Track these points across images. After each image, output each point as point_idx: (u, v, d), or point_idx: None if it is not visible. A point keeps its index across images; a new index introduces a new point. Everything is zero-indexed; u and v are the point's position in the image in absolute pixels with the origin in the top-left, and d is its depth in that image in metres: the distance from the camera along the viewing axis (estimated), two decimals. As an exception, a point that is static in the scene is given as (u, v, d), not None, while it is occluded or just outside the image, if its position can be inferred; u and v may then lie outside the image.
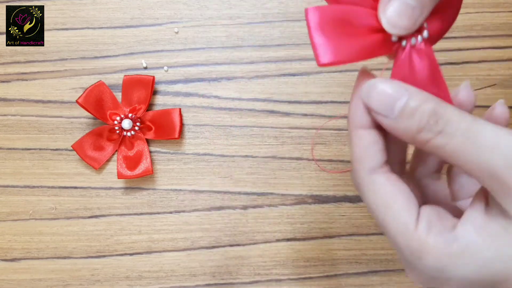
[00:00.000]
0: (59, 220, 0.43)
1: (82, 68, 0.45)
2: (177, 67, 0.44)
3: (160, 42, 0.45)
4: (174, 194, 0.43)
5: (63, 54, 0.45)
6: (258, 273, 0.42)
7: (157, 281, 0.42)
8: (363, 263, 0.42)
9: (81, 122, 0.44)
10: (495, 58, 0.44)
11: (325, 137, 0.43)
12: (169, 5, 0.45)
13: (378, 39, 0.23)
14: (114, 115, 0.43)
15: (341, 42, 0.22)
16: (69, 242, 0.43)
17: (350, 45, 0.22)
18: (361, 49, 0.22)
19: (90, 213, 0.43)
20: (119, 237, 0.43)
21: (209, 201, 0.43)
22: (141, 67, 0.45)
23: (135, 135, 0.44)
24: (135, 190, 0.43)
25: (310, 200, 0.43)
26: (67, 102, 0.44)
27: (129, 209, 0.43)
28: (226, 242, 0.43)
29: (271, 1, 0.45)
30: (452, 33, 0.45)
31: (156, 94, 0.44)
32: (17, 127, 0.44)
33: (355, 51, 0.22)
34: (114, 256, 0.43)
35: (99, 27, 0.45)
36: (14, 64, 0.45)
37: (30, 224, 0.43)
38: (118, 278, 0.42)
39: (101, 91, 0.43)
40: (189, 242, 0.43)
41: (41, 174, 0.44)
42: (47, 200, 0.43)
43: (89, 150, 0.43)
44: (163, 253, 0.43)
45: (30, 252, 0.43)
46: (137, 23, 0.45)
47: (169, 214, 0.43)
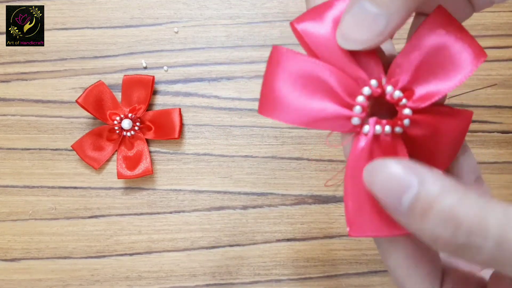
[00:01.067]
0: (59, 220, 0.43)
1: (81, 68, 0.45)
2: (177, 67, 0.44)
3: (160, 42, 0.45)
4: (174, 194, 0.43)
5: (62, 54, 0.45)
6: (258, 273, 0.42)
7: (156, 281, 0.42)
8: (363, 263, 0.42)
9: (80, 122, 0.44)
10: (496, 58, 0.44)
11: (325, 137, 0.43)
12: (169, 5, 0.45)
13: (338, 112, 0.18)
14: (114, 115, 0.43)
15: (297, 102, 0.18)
16: (69, 242, 0.43)
17: (305, 107, 0.18)
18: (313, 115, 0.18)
19: (90, 213, 0.43)
20: (119, 237, 0.43)
21: (209, 201, 0.43)
22: (141, 67, 0.44)
23: (135, 135, 0.44)
24: (135, 190, 0.43)
25: (310, 200, 0.43)
26: (67, 102, 0.44)
27: (129, 209, 0.43)
28: (226, 242, 0.43)
29: (271, 1, 0.45)
30: (452, 33, 0.44)
31: (156, 94, 0.44)
32: (16, 127, 0.44)
33: (306, 115, 0.18)
34: (114, 256, 0.43)
35: (99, 26, 0.45)
36: (13, 64, 0.45)
37: (30, 224, 0.43)
38: (118, 278, 0.42)
39: (100, 91, 0.43)
40: (189, 242, 0.43)
41: (41, 174, 0.44)
42: (46, 200, 0.43)
43: (88, 150, 0.43)
44: (163, 253, 0.43)
45: (29, 252, 0.43)
46: (137, 23, 0.45)
47: (169, 214, 0.43)
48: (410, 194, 0.15)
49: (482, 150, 0.43)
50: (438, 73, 0.18)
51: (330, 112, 0.18)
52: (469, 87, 0.44)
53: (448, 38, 0.18)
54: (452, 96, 0.44)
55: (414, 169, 0.16)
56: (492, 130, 0.44)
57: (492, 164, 0.43)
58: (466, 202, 0.15)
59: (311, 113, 0.18)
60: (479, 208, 0.15)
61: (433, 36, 0.18)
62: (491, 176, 0.43)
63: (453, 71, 0.18)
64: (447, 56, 0.18)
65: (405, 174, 0.16)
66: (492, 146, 0.43)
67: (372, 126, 0.18)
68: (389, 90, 0.18)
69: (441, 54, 0.18)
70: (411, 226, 0.16)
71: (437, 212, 0.15)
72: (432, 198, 0.15)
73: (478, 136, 0.43)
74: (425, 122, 0.18)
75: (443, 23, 0.18)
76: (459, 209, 0.15)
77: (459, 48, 0.18)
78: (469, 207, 0.15)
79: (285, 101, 0.18)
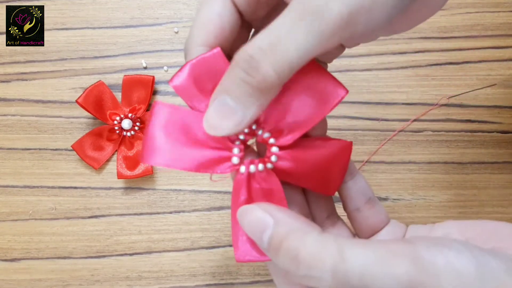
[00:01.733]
0: (59, 220, 0.43)
1: (82, 68, 0.45)
2: (177, 67, 0.44)
3: (160, 42, 0.45)
4: (174, 194, 0.43)
5: (63, 54, 0.45)
6: (258, 273, 0.42)
7: (157, 281, 0.42)
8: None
9: (81, 122, 0.44)
10: (495, 58, 0.44)
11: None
12: (169, 5, 0.45)
13: (217, 155, 0.21)
14: (114, 115, 0.43)
15: (178, 149, 0.21)
16: (69, 242, 0.43)
17: (186, 153, 0.21)
18: (197, 161, 0.21)
19: (90, 213, 0.43)
20: (119, 237, 0.43)
21: (209, 201, 0.43)
22: (141, 67, 0.44)
23: (135, 135, 0.44)
24: (135, 190, 0.43)
25: (310, 200, 0.43)
26: (67, 102, 0.44)
27: (129, 209, 0.43)
28: (226, 242, 0.43)
29: (271, 1, 0.45)
30: (452, 33, 0.45)
31: (156, 94, 0.44)
32: (17, 127, 0.44)
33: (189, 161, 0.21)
34: (114, 256, 0.43)
35: (99, 27, 0.45)
36: (13, 64, 0.45)
37: (30, 224, 0.43)
38: (118, 278, 0.42)
39: (101, 91, 0.43)
40: (189, 242, 0.43)
41: (41, 174, 0.44)
42: (47, 200, 0.43)
43: (89, 150, 0.43)
44: (163, 253, 0.43)
45: (30, 252, 0.43)
46: (137, 23, 0.45)
47: (169, 214, 0.43)
48: (267, 234, 0.19)
49: (481, 150, 0.43)
50: (302, 113, 0.21)
51: (210, 157, 0.21)
52: (468, 87, 0.44)
53: (312, 81, 0.21)
54: (451, 96, 0.44)
55: (271, 211, 0.19)
56: (491, 130, 0.44)
57: (491, 164, 0.43)
58: (307, 241, 0.18)
59: (198, 159, 0.21)
60: (317, 247, 0.18)
61: (300, 81, 0.21)
62: (491, 176, 0.43)
63: (316, 110, 0.21)
64: (312, 97, 0.21)
65: (263, 216, 0.19)
66: (492, 146, 0.43)
67: (246, 166, 0.22)
68: (260, 133, 0.22)
69: (305, 98, 0.21)
70: (272, 258, 0.19)
71: (284, 250, 0.18)
72: (281, 238, 0.18)
73: (478, 136, 0.43)
74: (291, 156, 0.22)
75: (309, 69, 0.21)
76: (300, 248, 0.18)
77: (320, 89, 0.21)
78: (309, 246, 0.18)
79: (162, 149, 0.20)
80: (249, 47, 0.18)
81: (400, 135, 0.44)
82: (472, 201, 0.43)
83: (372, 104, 0.44)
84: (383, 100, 0.44)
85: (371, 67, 0.44)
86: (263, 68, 0.18)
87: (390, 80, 0.44)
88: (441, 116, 0.44)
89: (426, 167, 0.43)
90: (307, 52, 0.18)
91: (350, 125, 0.44)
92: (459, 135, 0.44)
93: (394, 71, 0.44)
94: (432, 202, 0.43)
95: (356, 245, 0.18)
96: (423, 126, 0.44)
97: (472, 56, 0.44)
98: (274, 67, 0.18)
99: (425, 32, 0.45)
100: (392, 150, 0.43)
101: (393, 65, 0.44)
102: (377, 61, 0.44)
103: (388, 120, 0.44)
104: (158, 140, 0.21)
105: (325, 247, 0.18)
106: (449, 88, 0.44)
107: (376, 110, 0.44)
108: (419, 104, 0.44)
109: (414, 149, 0.43)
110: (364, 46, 0.44)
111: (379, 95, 0.44)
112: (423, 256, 0.17)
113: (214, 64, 0.21)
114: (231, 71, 0.19)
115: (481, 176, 0.43)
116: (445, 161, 0.43)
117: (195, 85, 0.21)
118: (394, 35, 0.45)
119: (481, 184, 0.43)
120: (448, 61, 0.44)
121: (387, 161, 0.43)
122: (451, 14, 0.45)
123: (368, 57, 0.44)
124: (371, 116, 0.44)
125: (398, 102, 0.44)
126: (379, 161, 0.43)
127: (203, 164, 0.21)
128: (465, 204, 0.43)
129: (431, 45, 0.44)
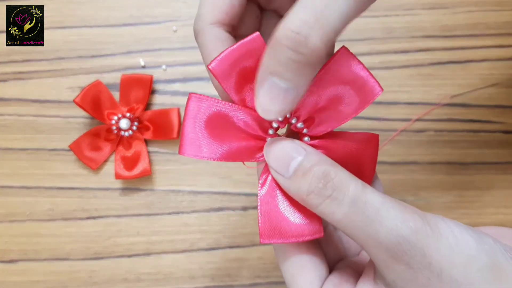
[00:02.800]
0: (57, 221, 0.43)
1: (79, 67, 0.44)
2: (175, 66, 0.44)
3: (158, 41, 0.44)
4: (172, 195, 0.43)
5: (60, 53, 0.44)
6: (258, 275, 0.42)
7: (155, 283, 0.42)
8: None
9: (78, 122, 0.44)
10: (498, 57, 0.44)
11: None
12: (167, 3, 0.45)
13: (252, 145, 0.22)
14: (111, 114, 0.43)
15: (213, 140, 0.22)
16: (67, 243, 0.42)
17: (221, 144, 0.22)
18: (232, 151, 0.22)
19: (87, 214, 0.43)
20: (117, 238, 0.42)
21: (208, 202, 0.43)
22: (139, 66, 0.44)
23: (133, 135, 0.43)
24: (133, 191, 0.43)
25: (310, 201, 0.42)
26: (64, 101, 0.44)
27: (127, 210, 0.43)
28: (225, 244, 0.42)
29: None
30: (455, 32, 0.44)
31: (154, 94, 0.44)
32: (14, 127, 0.44)
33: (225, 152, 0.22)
34: (112, 258, 0.42)
35: (97, 25, 0.45)
36: (10, 64, 0.44)
37: (27, 225, 0.43)
38: (116, 280, 0.42)
39: (98, 91, 0.43)
40: (188, 243, 0.42)
41: (38, 174, 0.43)
42: (44, 201, 0.43)
43: (86, 150, 0.43)
44: (162, 255, 0.42)
45: (27, 253, 0.42)
46: (135, 21, 0.44)
47: (168, 215, 0.43)
48: (297, 160, 0.20)
49: (484, 150, 0.43)
50: (338, 105, 0.22)
51: (246, 146, 0.22)
52: (471, 87, 0.43)
53: (348, 77, 0.22)
54: (454, 95, 0.43)
55: (301, 144, 0.21)
56: (494, 130, 0.43)
57: (494, 164, 0.43)
58: (337, 169, 0.20)
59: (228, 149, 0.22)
60: (346, 174, 0.20)
61: (336, 75, 0.21)
62: (494, 177, 0.42)
63: (353, 105, 0.22)
64: (346, 93, 0.22)
65: (296, 146, 0.21)
66: (495, 146, 0.43)
67: None
68: (293, 121, 0.23)
69: (342, 91, 0.22)
70: (292, 187, 0.21)
71: (315, 173, 0.20)
72: (313, 163, 0.20)
73: (480, 136, 0.43)
74: (323, 146, 0.23)
75: (346, 62, 0.22)
76: (331, 172, 0.20)
77: (357, 86, 0.22)
78: (339, 172, 0.20)
79: (197, 141, 0.21)
80: (291, 24, 0.18)
81: (402, 135, 0.43)
82: (475, 202, 0.42)
83: (374, 104, 0.43)
84: (385, 99, 0.43)
85: (372, 66, 0.44)
86: (311, 42, 0.18)
87: (392, 79, 0.44)
88: (443, 116, 0.43)
89: (429, 167, 0.43)
90: (349, 17, 0.18)
91: (351, 124, 0.43)
92: (462, 135, 0.43)
93: (396, 70, 0.44)
94: (434, 203, 0.42)
95: (379, 192, 0.20)
96: (425, 126, 0.43)
97: (475, 55, 0.44)
98: (322, 38, 0.18)
99: (428, 31, 0.44)
100: (393, 150, 0.43)
101: (395, 64, 0.44)
102: (378, 60, 0.44)
103: (389, 120, 0.43)
104: (194, 132, 0.21)
105: (354, 179, 0.20)
106: (451, 88, 0.43)
107: (378, 110, 0.43)
108: (421, 103, 0.43)
109: (416, 150, 0.43)
110: (365, 45, 0.44)
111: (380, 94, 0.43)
112: (430, 219, 0.20)
113: (254, 49, 0.21)
114: (275, 51, 0.18)
115: (484, 176, 0.42)
116: (447, 161, 0.43)
117: (234, 70, 0.21)
118: (396, 33, 0.44)
119: (484, 184, 0.42)
120: (451, 60, 0.44)
121: (389, 161, 0.43)
122: (453, 12, 0.44)
123: (369, 56, 0.44)
124: (372, 116, 0.43)
125: (400, 102, 0.43)
126: (380, 162, 0.43)
127: (239, 154, 0.22)
128: (468, 205, 0.42)
129: (433, 44, 0.44)
